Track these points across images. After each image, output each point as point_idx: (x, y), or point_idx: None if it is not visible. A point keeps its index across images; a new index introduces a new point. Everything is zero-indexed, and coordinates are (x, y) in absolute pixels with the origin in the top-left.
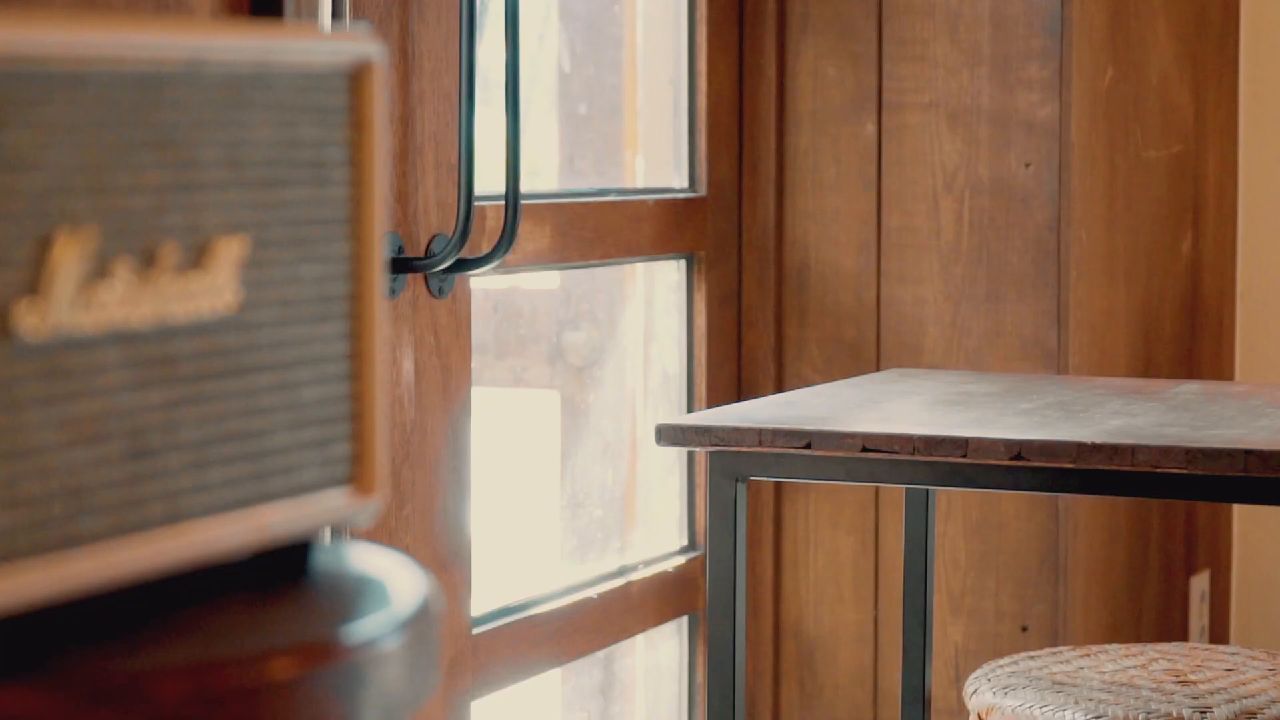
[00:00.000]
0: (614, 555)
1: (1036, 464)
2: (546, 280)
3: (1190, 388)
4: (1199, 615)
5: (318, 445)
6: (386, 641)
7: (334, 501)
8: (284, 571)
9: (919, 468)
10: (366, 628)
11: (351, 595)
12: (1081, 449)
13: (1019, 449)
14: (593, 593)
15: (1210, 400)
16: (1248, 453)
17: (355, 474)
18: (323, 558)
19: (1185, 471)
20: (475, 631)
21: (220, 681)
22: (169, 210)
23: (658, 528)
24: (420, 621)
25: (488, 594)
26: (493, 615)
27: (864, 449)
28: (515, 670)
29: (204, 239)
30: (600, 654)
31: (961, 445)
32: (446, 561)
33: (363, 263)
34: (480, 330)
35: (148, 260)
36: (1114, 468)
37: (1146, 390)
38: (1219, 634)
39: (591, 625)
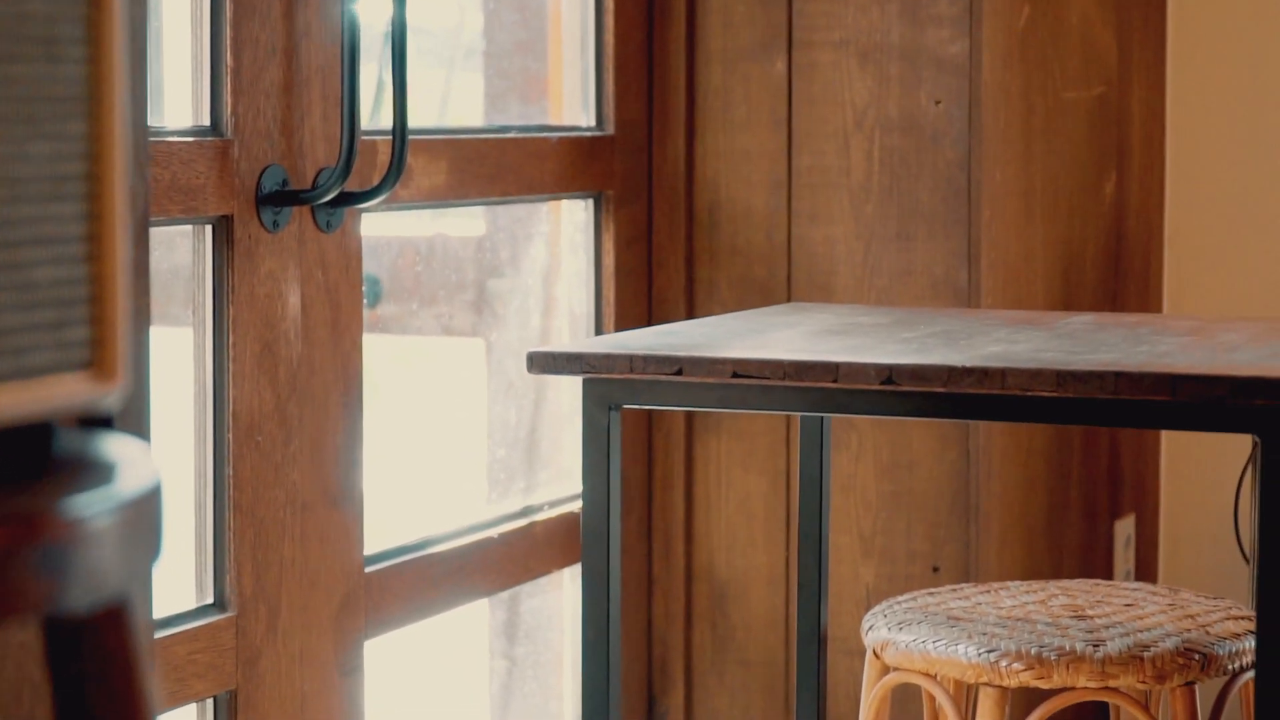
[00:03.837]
0: (518, 496)
1: (907, 388)
2: (472, 227)
3: (1083, 318)
4: (1124, 560)
5: (51, 328)
6: (97, 520)
7: (70, 386)
8: (21, 456)
9: (790, 394)
10: (76, 505)
11: (77, 477)
12: (952, 373)
13: (889, 373)
14: (494, 533)
15: (1098, 329)
16: (1118, 375)
17: (94, 358)
18: (66, 443)
19: (1055, 395)
20: (369, 570)
21: None
22: None
23: (563, 469)
24: (140, 505)
25: (403, 536)
26: (388, 554)
27: (734, 375)
28: (411, 610)
29: None
30: (505, 595)
31: (832, 370)
32: (337, 498)
33: (102, 142)
34: (402, 277)
35: None
36: (984, 391)
37: (1037, 321)
38: (1146, 579)
39: (492, 565)
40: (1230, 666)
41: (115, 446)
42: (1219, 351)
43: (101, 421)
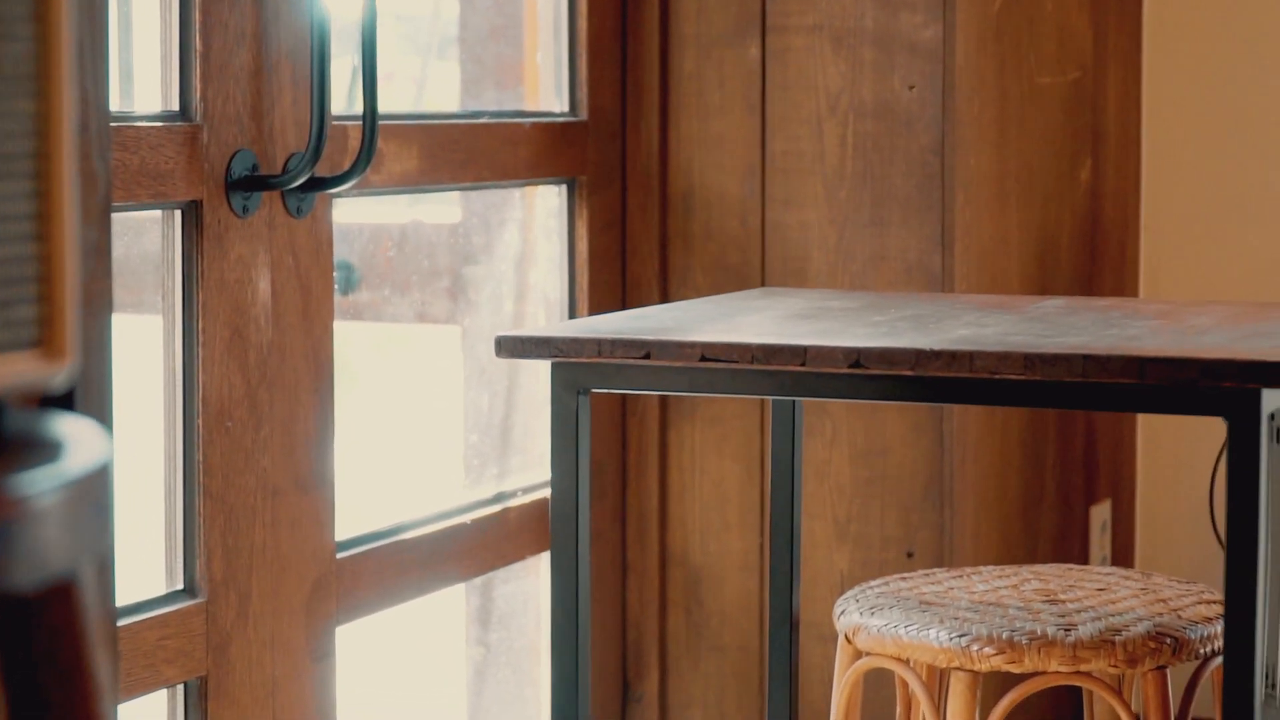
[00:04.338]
0: (492, 481)
1: (875, 372)
2: (447, 213)
3: (1054, 302)
4: (1100, 545)
5: None
6: (43, 498)
7: (19, 364)
8: None
9: (759, 377)
10: (21, 483)
11: (24, 455)
12: (920, 356)
13: (857, 356)
14: (467, 519)
15: (1069, 313)
16: (1086, 357)
17: (43, 337)
18: (14, 422)
19: (1024, 378)
20: (340, 556)
21: None
22: None
23: (537, 455)
24: (87, 483)
25: (377, 522)
26: (360, 540)
27: (703, 358)
28: (384, 596)
29: None
30: (478, 581)
31: (800, 354)
32: (309, 484)
33: (50, 121)
34: (377, 264)
35: None
36: (952, 374)
37: (1008, 305)
38: (1123, 565)
39: (466, 551)
40: (1202, 651)
41: (65, 425)
42: (1188, 335)
43: (60, 401)
